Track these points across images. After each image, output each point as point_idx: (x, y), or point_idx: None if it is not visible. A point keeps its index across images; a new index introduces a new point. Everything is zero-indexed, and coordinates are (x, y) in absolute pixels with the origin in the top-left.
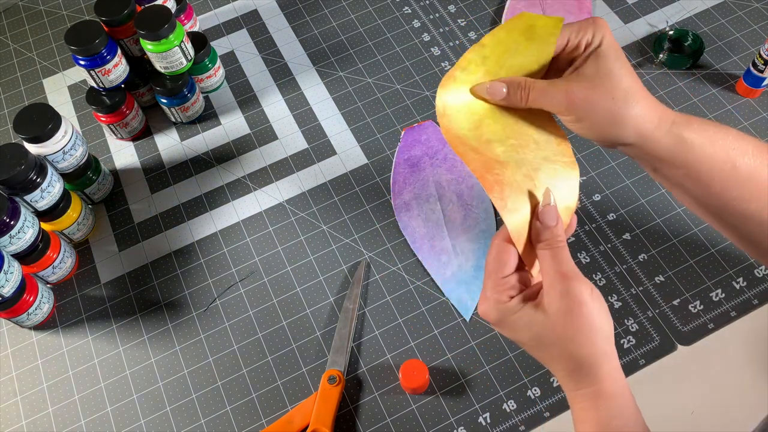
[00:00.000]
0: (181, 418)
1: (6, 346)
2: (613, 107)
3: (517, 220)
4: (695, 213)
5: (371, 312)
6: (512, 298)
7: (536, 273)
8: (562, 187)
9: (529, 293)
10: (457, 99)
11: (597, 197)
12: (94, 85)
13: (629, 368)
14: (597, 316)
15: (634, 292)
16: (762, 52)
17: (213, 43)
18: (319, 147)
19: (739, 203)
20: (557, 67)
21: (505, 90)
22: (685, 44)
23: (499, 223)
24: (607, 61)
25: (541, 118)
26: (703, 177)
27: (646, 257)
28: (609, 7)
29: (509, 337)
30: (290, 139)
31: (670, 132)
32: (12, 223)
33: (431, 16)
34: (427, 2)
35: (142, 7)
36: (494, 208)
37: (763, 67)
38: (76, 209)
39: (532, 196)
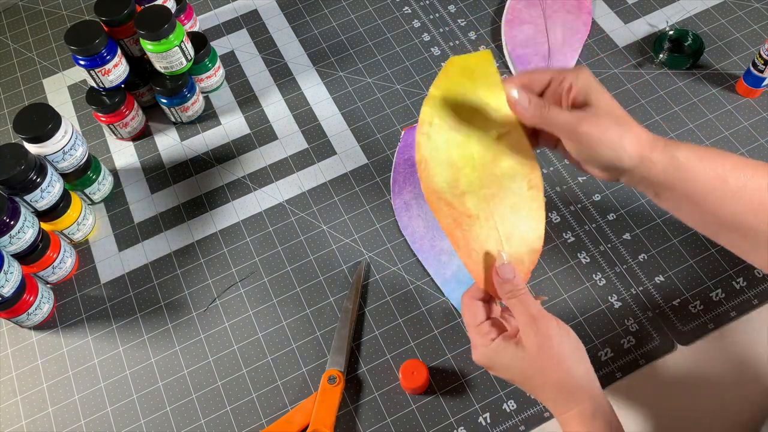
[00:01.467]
0: (181, 418)
1: (6, 346)
2: (615, 128)
3: (481, 272)
4: (703, 234)
5: (371, 312)
6: (493, 340)
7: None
8: (527, 230)
9: (509, 334)
10: (438, 154)
11: (597, 197)
12: (94, 85)
13: (629, 368)
14: (566, 346)
15: (634, 292)
16: (762, 52)
17: (213, 43)
18: (319, 147)
19: (734, 217)
20: None
21: (527, 103)
22: (685, 44)
23: None
24: (597, 95)
25: (519, 167)
26: (699, 194)
27: (646, 257)
28: (609, 7)
29: (503, 377)
30: (290, 139)
31: (664, 152)
32: (12, 223)
33: (431, 16)
34: (427, 2)
35: (142, 7)
36: None
37: (763, 67)
38: (76, 209)
39: (496, 245)
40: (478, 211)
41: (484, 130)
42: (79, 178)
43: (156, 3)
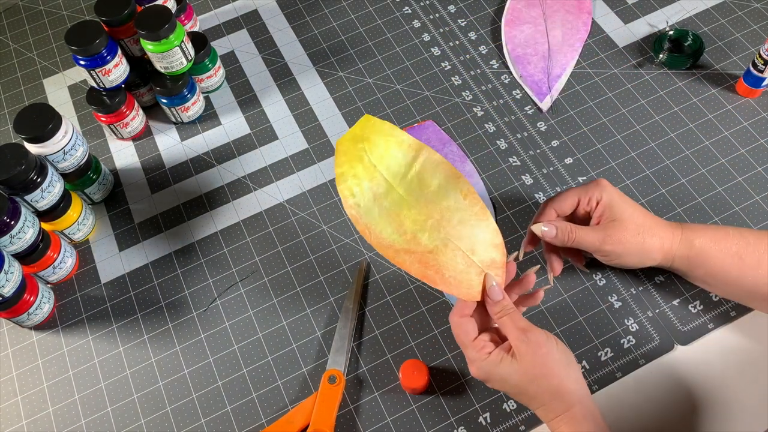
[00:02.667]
0: (181, 418)
1: (6, 346)
2: (639, 239)
3: (464, 290)
4: (737, 302)
5: (371, 312)
6: (490, 353)
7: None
8: (484, 234)
9: (505, 347)
10: (374, 214)
11: None
12: (95, 85)
13: (629, 368)
14: (555, 352)
15: (634, 292)
16: (762, 52)
17: (213, 43)
18: (319, 147)
19: (757, 287)
20: (577, 224)
21: (555, 232)
22: (685, 44)
23: (498, 221)
24: (619, 208)
25: (446, 183)
26: (719, 272)
27: None
28: (609, 7)
29: (500, 389)
30: (290, 139)
31: (682, 243)
32: (12, 223)
33: (431, 16)
34: (427, 2)
35: (142, 7)
36: (494, 206)
37: (763, 67)
38: (76, 209)
39: (465, 262)
40: (435, 242)
41: (399, 168)
42: (79, 178)
43: (156, 3)
